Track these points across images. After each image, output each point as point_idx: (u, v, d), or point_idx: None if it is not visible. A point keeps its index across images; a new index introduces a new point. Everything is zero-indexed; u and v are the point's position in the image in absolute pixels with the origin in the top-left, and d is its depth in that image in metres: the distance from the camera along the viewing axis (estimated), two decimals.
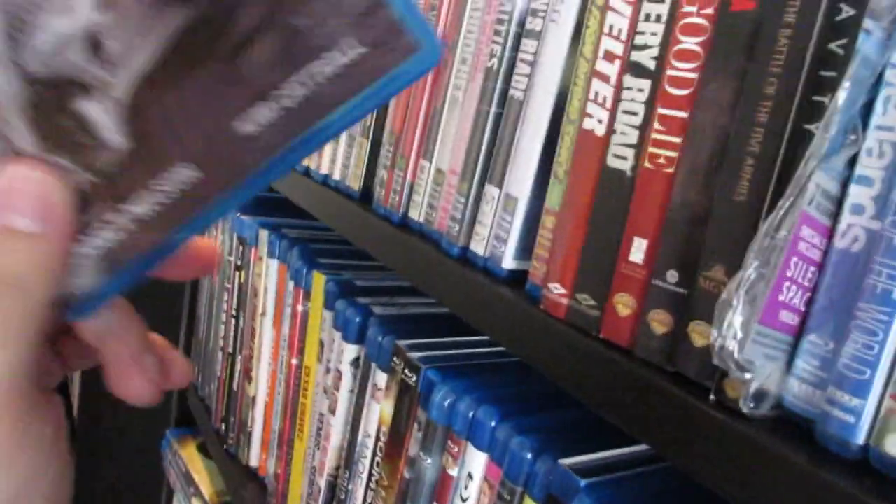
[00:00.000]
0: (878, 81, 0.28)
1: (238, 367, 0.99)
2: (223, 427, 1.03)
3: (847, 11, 0.28)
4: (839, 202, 0.30)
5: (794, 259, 0.29)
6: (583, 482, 0.42)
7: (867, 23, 0.27)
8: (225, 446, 1.02)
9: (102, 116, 0.19)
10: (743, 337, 0.28)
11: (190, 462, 1.17)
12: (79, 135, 0.20)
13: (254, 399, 0.93)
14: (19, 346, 0.19)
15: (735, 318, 0.28)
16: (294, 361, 0.82)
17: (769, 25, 0.31)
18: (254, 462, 0.94)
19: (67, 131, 0.20)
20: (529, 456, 0.46)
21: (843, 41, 0.28)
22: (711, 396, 0.32)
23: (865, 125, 0.28)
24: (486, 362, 0.60)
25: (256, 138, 0.20)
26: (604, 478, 0.43)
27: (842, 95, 0.27)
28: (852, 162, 0.29)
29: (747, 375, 0.29)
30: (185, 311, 1.27)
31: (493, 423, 0.50)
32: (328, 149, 0.73)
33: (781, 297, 0.29)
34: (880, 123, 0.28)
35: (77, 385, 1.46)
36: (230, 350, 1.02)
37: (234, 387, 1.00)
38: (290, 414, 0.83)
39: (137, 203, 0.20)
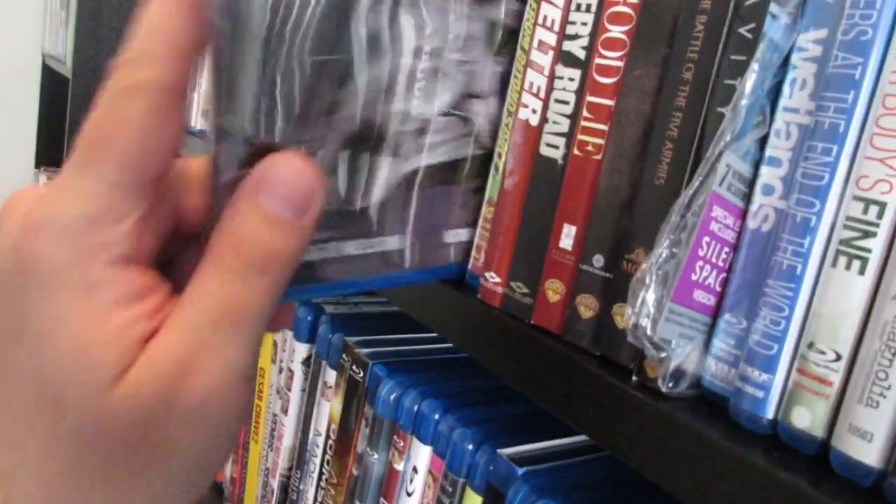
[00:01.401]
0: (785, 65, 0.29)
1: None
2: None
3: None
4: (752, 184, 0.30)
5: (707, 239, 0.29)
6: (520, 470, 0.42)
7: (773, 7, 0.28)
8: None
9: (379, 174, 0.23)
10: (656, 315, 0.28)
11: None
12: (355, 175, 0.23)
13: None
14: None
15: (648, 296, 0.28)
16: None
17: (687, 12, 0.32)
18: None
19: (337, 160, 0.23)
20: (470, 447, 0.46)
21: (752, 26, 0.29)
22: (634, 377, 0.32)
23: (774, 108, 0.29)
24: (434, 358, 0.60)
25: (440, 248, 0.26)
26: (541, 466, 0.43)
27: (750, 78, 0.28)
28: (764, 145, 0.30)
29: (662, 354, 0.29)
30: None
31: (436, 417, 0.50)
32: None
33: (695, 277, 0.29)
34: (787, 105, 0.29)
35: None
36: None
37: None
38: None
39: (347, 246, 0.24)
